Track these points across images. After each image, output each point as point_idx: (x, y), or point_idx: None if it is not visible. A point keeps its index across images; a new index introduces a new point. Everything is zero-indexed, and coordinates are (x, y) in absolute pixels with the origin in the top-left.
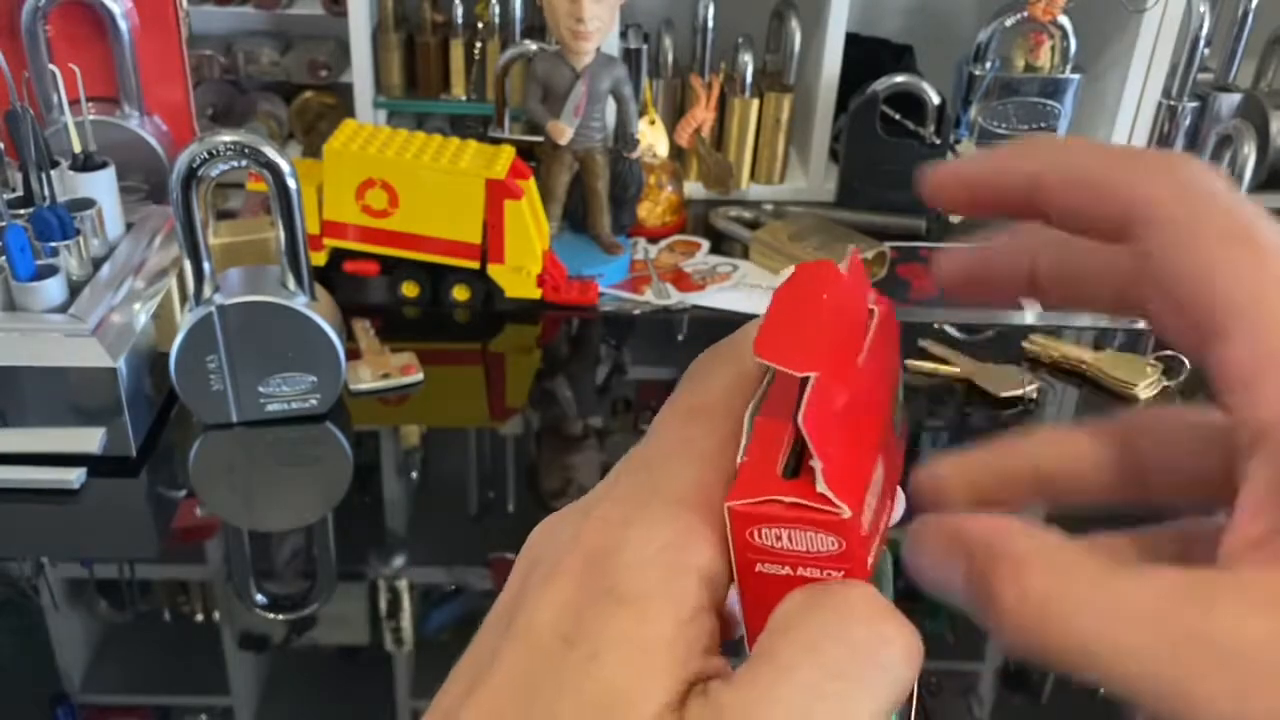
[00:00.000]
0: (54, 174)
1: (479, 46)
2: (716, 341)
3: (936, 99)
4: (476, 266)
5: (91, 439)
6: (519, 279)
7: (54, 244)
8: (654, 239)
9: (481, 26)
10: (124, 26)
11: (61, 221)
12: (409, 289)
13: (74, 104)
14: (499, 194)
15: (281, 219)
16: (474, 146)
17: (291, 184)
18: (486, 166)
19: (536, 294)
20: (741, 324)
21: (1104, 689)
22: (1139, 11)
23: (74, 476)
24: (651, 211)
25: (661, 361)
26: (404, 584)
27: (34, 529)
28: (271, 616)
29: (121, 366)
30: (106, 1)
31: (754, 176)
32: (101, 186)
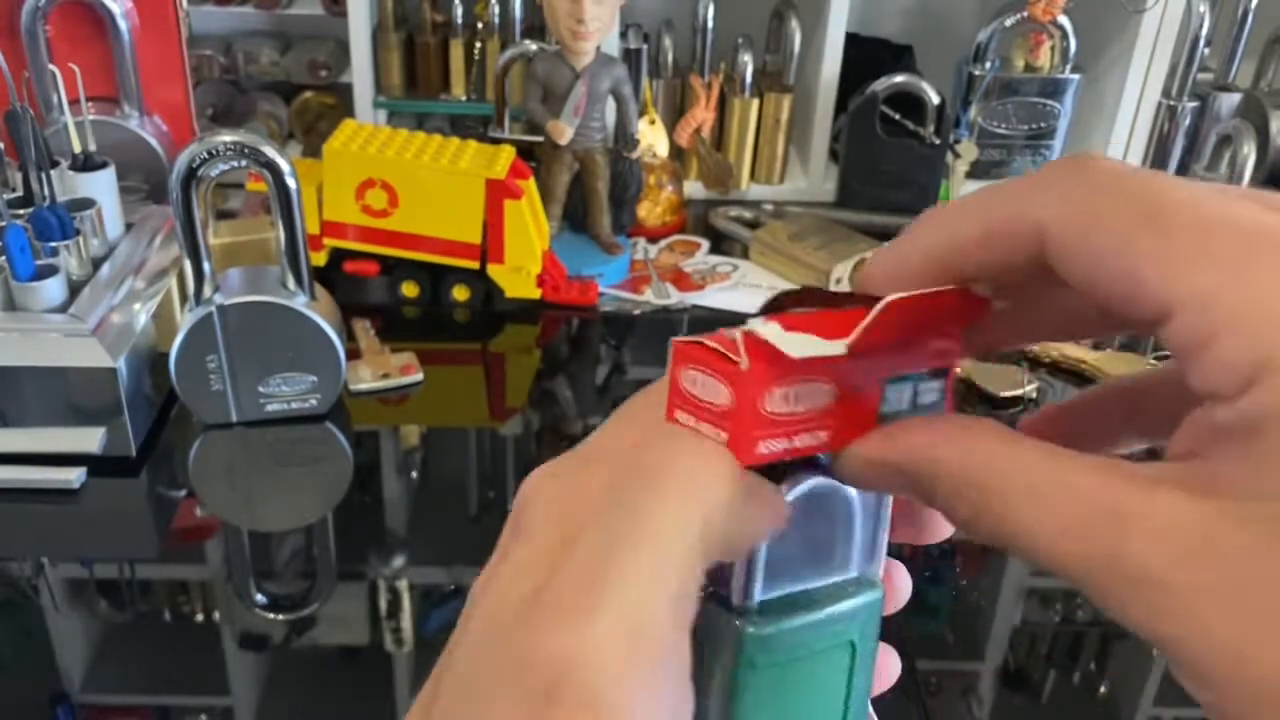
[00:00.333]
0: (54, 174)
1: (479, 46)
2: None
3: (936, 99)
4: (476, 266)
5: (91, 439)
6: (519, 279)
7: (54, 244)
8: (654, 239)
9: (481, 26)
10: (124, 26)
11: (61, 221)
12: (409, 289)
13: (74, 104)
14: (499, 194)
15: (281, 219)
16: (474, 146)
17: (291, 184)
18: (486, 166)
19: (536, 294)
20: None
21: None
22: (1139, 11)
23: (74, 476)
24: (651, 211)
25: (661, 362)
26: (404, 584)
27: (34, 529)
28: (271, 616)
29: (121, 366)
30: (106, 1)
31: (754, 176)
32: (101, 186)
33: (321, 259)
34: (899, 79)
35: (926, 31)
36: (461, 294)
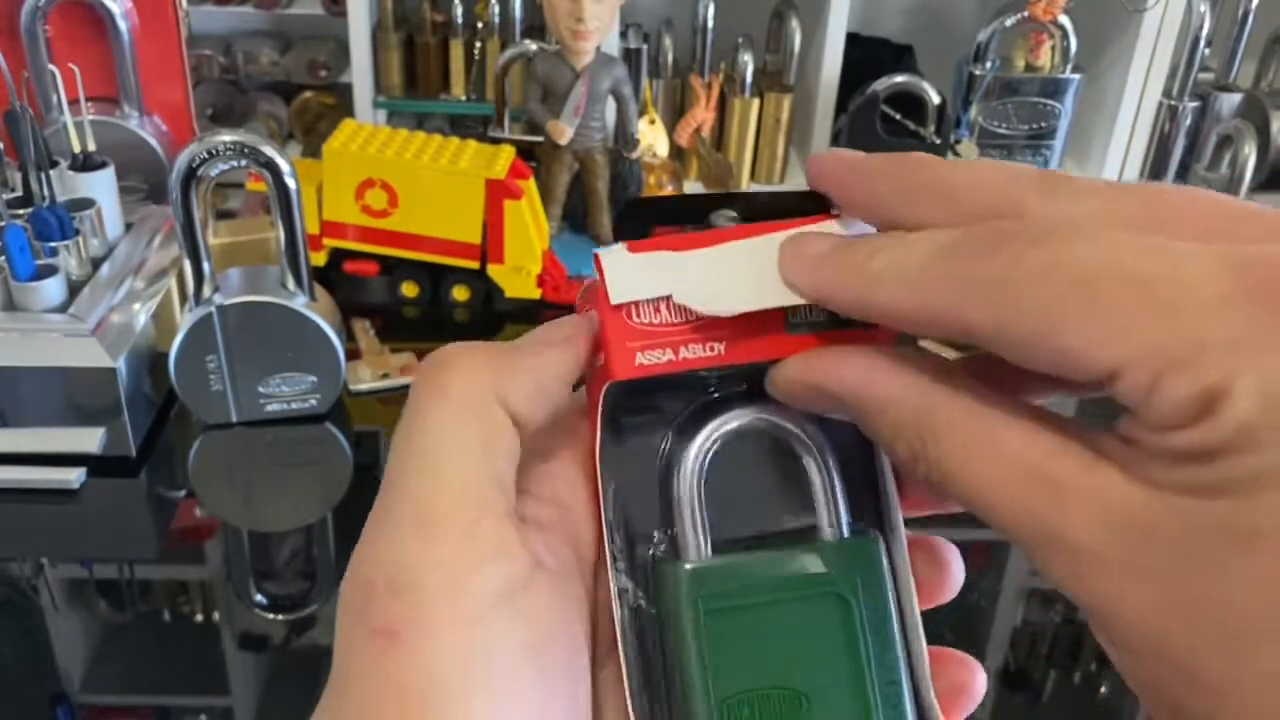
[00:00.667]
0: (53, 174)
1: (479, 46)
2: None
3: (937, 99)
4: (476, 266)
5: (91, 439)
6: (519, 279)
7: (53, 244)
8: None
9: (481, 26)
10: (124, 26)
11: (61, 221)
12: (409, 289)
13: (74, 104)
14: (499, 194)
15: (281, 219)
16: (474, 146)
17: (291, 184)
18: (486, 166)
19: (536, 294)
20: None
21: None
22: (1139, 11)
23: (74, 476)
24: None
25: None
26: None
27: (34, 529)
28: (271, 616)
29: (121, 366)
30: (106, 1)
31: (754, 176)
32: (101, 186)
33: (321, 259)
34: (899, 79)
35: (927, 31)
36: (461, 294)
